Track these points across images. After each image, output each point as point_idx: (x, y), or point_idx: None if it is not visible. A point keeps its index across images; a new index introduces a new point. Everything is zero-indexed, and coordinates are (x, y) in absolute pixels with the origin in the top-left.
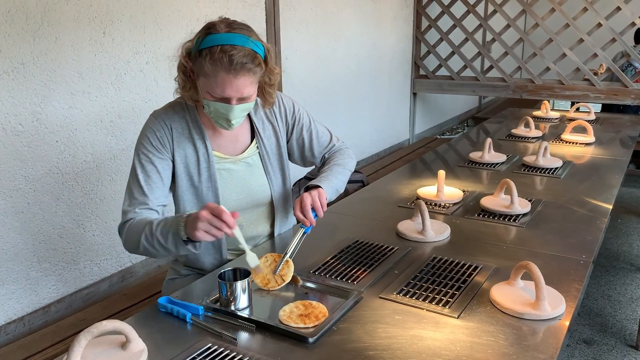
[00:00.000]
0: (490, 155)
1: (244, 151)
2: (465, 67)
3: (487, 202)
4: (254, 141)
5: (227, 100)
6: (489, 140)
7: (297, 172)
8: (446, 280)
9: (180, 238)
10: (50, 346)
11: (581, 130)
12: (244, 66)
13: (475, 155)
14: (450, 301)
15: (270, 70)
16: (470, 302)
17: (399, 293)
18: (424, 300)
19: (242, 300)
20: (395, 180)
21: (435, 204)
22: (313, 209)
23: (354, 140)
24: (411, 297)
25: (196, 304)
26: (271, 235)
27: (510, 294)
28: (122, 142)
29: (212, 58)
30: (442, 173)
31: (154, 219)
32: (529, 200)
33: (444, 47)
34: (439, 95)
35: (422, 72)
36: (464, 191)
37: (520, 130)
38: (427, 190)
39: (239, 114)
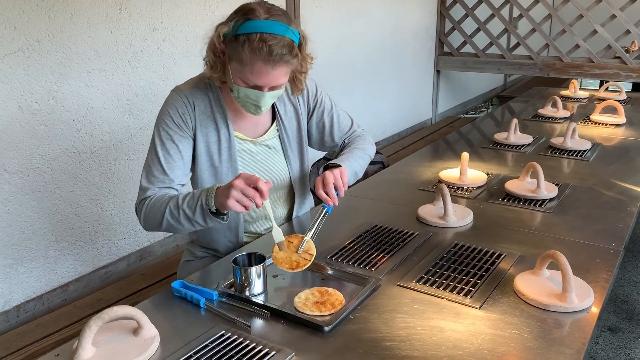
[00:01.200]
0: (516, 136)
1: (264, 133)
2: (490, 44)
3: (512, 186)
4: (275, 124)
5: (259, 88)
6: (514, 120)
7: (315, 153)
8: (468, 268)
9: (209, 209)
10: (68, 326)
11: (611, 110)
12: (282, 58)
13: (500, 136)
14: (472, 291)
15: (303, 58)
16: (493, 292)
17: (418, 281)
18: (444, 289)
19: (257, 286)
20: (416, 162)
21: (458, 188)
22: (335, 188)
23: (375, 119)
24: (431, 285)
25: (210, 289)
26: (289, 218)
27: (535, 284)
28: (139, 120)
29: (250, 46)
30: (465, 155)
31: (179, 194)
32: (556, 185)
33: (469, 23)
34: (462, 73)
35: (446, 49)
36: (487, 174)
37: (547, 110)
38: (450, 173)
39: (269, 100)
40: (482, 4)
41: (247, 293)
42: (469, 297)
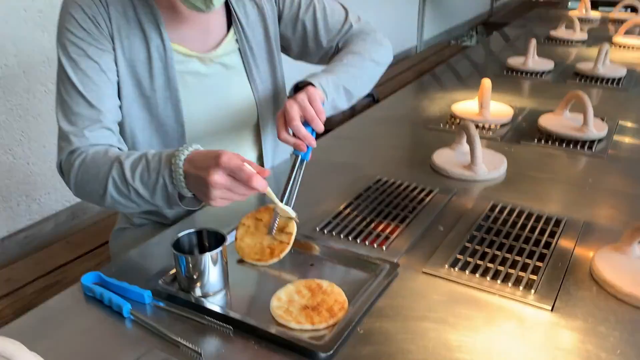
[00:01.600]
0: (534, 61)
1: (217, 46)
2: None
3: (548, 122)
4: (232, 32)
5: None
6: (533, 41)
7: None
8: (519, 243)
9: (181, 195)
10: None
11: (631, 31)
12: None
13: (515, 61)
14: (533, 280)
15: None
16: (564, 281)
17: (452, 266)
18: (493, 278)
19: (213, 281)
20: (416, 94)
21: (478, 125)
22: (306, 122)
23: None
24: (473, 272)
25: (141, 287)
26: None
27: (625, 269)
28: None
29: None
30: (487, 82)
31: (123, 156)
32: (601, 120)
33: None
34: None
35: None
36: (512, 107)
37: (561, 32)
38: (465, 106)
39: None
40: None
41: (197, 292)
42: (532, 291)
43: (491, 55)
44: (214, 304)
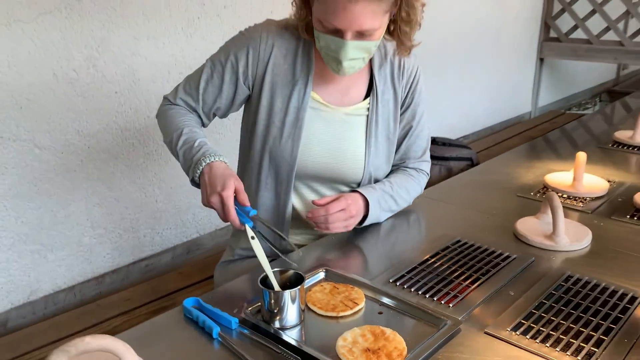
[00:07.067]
0: None
1: (350, 106)
2: (607, 29)
3: None
4: (367, 101)
5: (339, 34)
6: None
7: None
8: (588, 315)
9: (195, 181)
10: (82, 330)
11: None
12: None
13: (622, 134)
14: (594, 352)
15: (407, 1)
16: (628, 356)
17: (514, 329)
18: (553, 346)
19: (291, 315)
20: (513, 161)
21: (570, 197)
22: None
23: (465, 109)
24: (534, 338)
25: (231, 314)
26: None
27: None
28: None
29: None
30: (582, 156)
31: (185, 128)
32: None
33: (583, 4)
34: (568, 63)
35: (553, 34)
36: (609, 182)
37: None
38: (559, 177)
39: (352, 53)
40: None
41: (277, 324)
42: None
43: (605, 126)
44: (289, 336)
